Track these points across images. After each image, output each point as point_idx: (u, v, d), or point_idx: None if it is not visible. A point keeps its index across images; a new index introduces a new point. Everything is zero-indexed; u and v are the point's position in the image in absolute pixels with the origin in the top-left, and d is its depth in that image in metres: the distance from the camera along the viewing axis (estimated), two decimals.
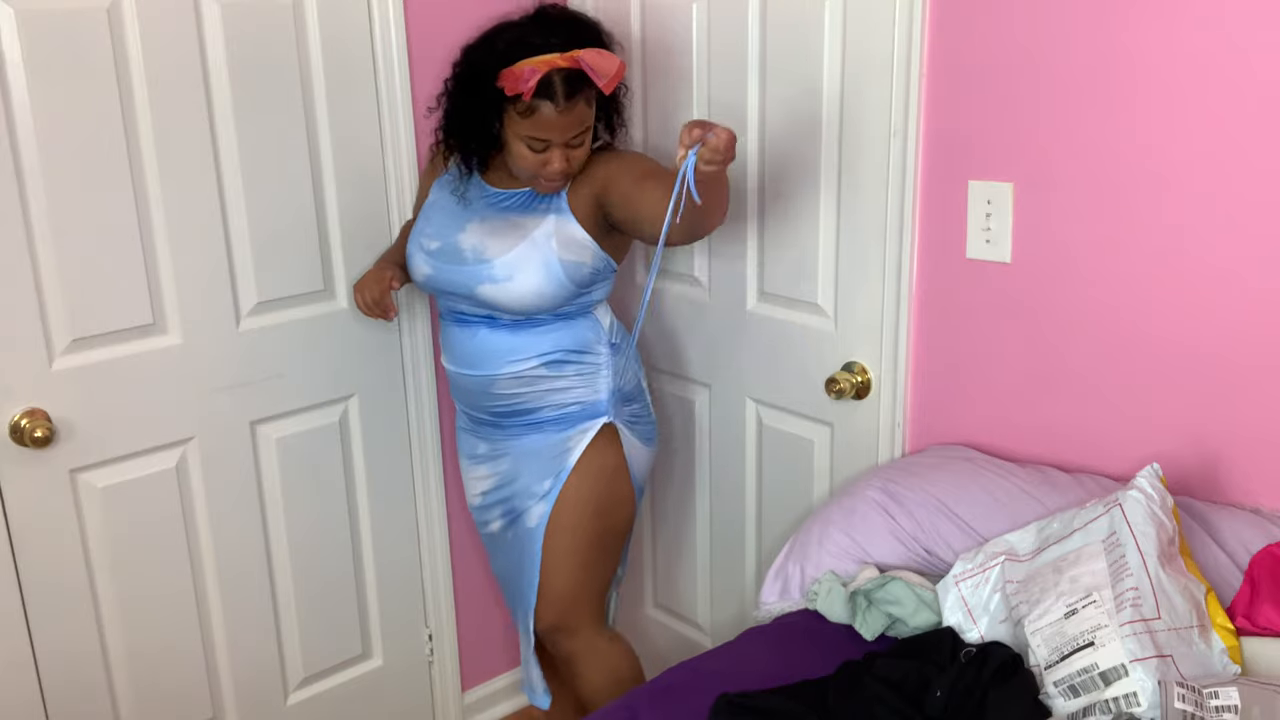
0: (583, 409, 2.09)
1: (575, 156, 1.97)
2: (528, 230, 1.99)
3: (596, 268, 2.04)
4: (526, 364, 2.05)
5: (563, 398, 2.08)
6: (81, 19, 1.83)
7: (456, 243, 2.03)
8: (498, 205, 2.05)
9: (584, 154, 1.98)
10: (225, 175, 2.04)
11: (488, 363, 2.07)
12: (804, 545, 1.90)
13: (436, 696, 2.60)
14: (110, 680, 2.09)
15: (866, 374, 2.12)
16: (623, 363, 2.13)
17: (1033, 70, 1.79)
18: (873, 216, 2.04)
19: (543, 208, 2.02)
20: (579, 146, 1.96)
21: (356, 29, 2.15)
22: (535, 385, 2.07)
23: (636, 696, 1.64)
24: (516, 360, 2.05)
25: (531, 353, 2.05)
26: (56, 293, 1.89)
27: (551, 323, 2.06)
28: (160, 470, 2.07)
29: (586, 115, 1.93)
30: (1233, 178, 1.62)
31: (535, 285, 1.98)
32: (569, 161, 1.95)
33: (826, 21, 2.04)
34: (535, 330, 2.05)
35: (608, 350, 2.10)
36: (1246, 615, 1.53)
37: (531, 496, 2.12)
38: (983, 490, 1.81)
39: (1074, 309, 1.83)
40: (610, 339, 2.12)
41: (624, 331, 2.18)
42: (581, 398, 2.09)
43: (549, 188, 2.00)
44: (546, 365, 2.06)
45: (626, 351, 2.13)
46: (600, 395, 2.09)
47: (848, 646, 1.69)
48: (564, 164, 1.94)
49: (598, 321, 2.11)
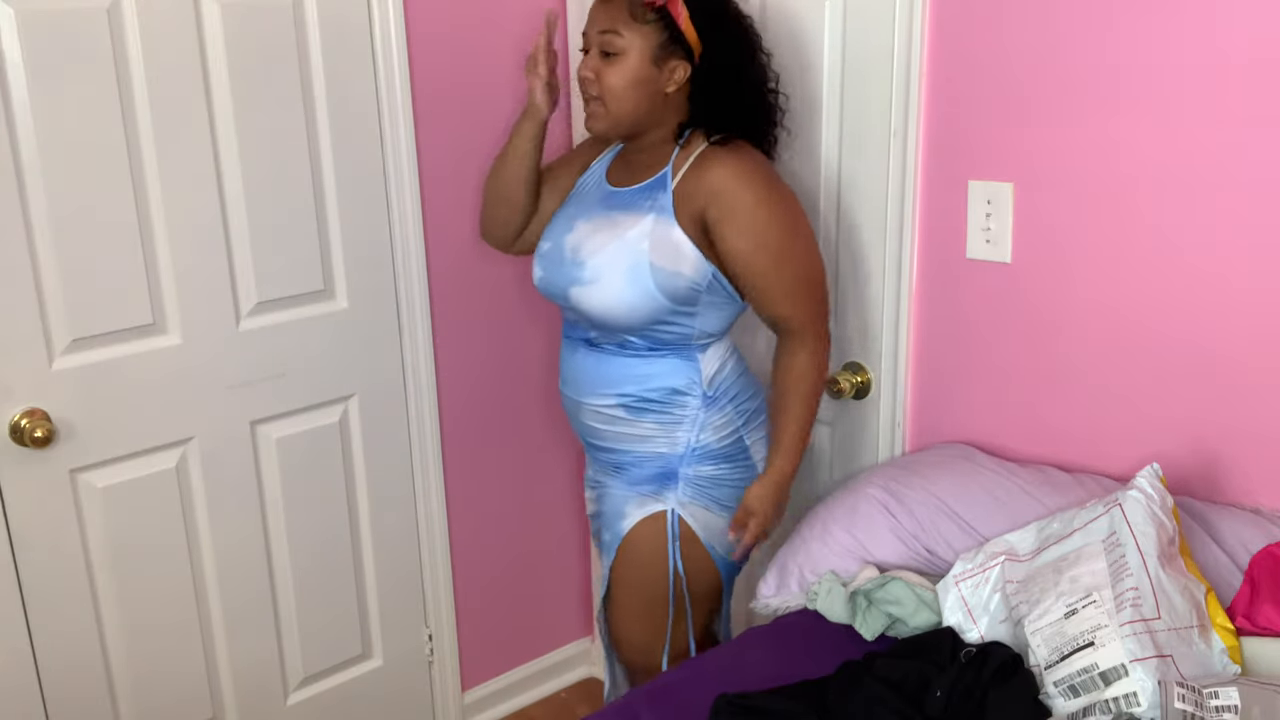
0: (657, 464, 1.92)
1: (605, 74, 1.78)
2: (624, 229, 1.82)
3: (698, 283, 1.81)
4: (605, 400, 1.91)
5: (640, 447, 1.92)
6: (81, 19, 1.83)
7: (562, 243, 1.91)
8: (608, 202, 1.89)
9: (615, 79, 1.78)
10: (225, 175, 2.04)
11: (578, 387, 1.95)
12: (805, 541, 1.90)
13: (436, 696, 2.60)
14: (110, 680, 2.09)
15: (866, 374, 2.12)
16: (717, 418, 1.90)
17: (1033, 70, 1.79)
18: (873, 216, 2.04)
19: (646, 204, 1.83)
20: (611, 61, 1.78)
21: (356, 29, 2.15)
22: (614, 425, 1.92)
23: (636, 696, 1.64)
24: (599, 393, 1.91)
25: (614, 389, 1.89)
26: (56, 293, 1.89)
27: (645, 355, 1.87)
28: (160, 470, 2.07)
29: (624, 19, 1.76)
30: (1232, 178, 1.62)
31: (620, 292, 1.80)
32: (597, 76, 1.79)
33: (826, 21, 2.04)
34: (626, 361, 1.88)
35: (699, 401, 1.89)
36: (1246, 615, 1.53)
37: (603, 544, 2.02)
38: (983, 490, 1.81)
39: (1074, 309, 1.83)
40: (708, 389, 1.89)
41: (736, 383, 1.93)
42: (659, 451, 1.91)
43: (590, 121, 1.84)
44: (625, 408, 1.89)
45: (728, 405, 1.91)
46: (677, 449, 1.90)
47: (848, 646, 1.69)
48: (589, 72, 1.80)
49: (697, 364, 1.88)
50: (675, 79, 1.81)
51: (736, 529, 1.89)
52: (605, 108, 1.81)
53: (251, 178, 2.06)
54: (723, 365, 1.91)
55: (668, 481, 1.92)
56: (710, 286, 1.83)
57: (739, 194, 1.77)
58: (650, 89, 1.80)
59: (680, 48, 1.79)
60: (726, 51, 1.82)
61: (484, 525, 2.59)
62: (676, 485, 1.91)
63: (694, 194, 1.79)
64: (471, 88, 2.32)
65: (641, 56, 1.78)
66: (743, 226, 1.78)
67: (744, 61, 1.85)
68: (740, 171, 1.79)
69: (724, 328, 1.91)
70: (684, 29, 1.78)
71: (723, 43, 1.81)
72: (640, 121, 1.83)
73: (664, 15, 1.77)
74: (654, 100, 1.81)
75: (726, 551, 1.95)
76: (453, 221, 2.32)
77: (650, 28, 1.77)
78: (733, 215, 1.77)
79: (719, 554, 1.95)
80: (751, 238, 1.78)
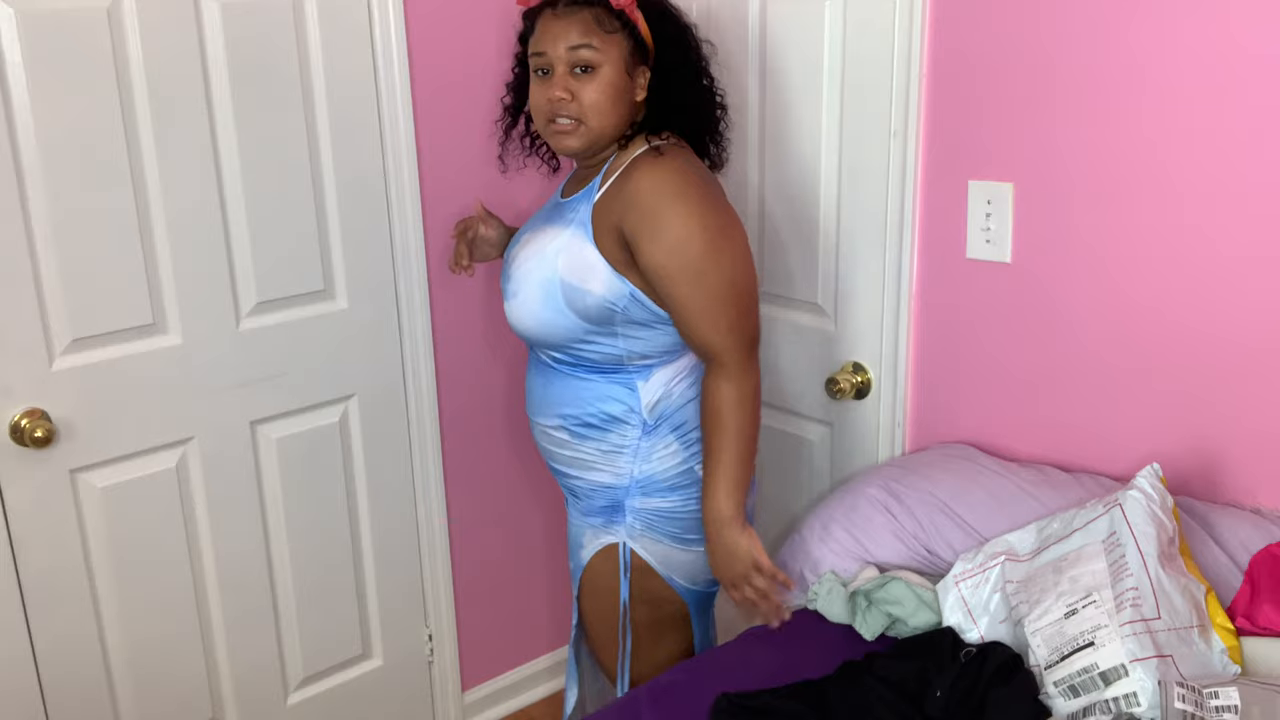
0: (605, 496, 1.85)
1: (583, 92, 1.68)
2: (546, 242, 1.76)
3: (612, 302, 1.71)
4: (551, 420, 1.85)
5: (588, 474, 1.85)
6: (81, 19, 1.83)
7: (508, 257, 1.88)
8: (549, 214, 1.83)
9: (597, 94, 1.69)
10: (225, 175, 2.04)
11: (531, 405, 1.90)
12: (805, 541, 1.90)
13: (436, 696, 2.60)
14: (110, 680, 2.09)
15: (866, 374, 2.12)
16: (660, 448, 1.80)
17: (1033, 70, 1.79)
18: (873, 216, 2.04)
19: (570, 216, 1.76)
20: (588, 78, 1.69)
21: (356, 29, 2.15)
22: (562, 448, 1.86)
23: (637, 696, 1.64)
24: (546, 412, 1.85)
25: (556, 409, 1.82)
26: (56, 293, 1.89)
27: (583, 376, 1.79)
28: (160, 470, 2.07)
29: (594, 30, 1.68)
30: (1233, 178, 1.62)
31: (533, 308, 1.74)
32: (573, 95, 1.68)
33: (826, 21, 2.04)
34: (567, 381, 1.81)
35: (639, 429, 1.79)
36: (1246, 615, 1.53)
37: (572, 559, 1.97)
38: (983, 490, 1.81)
39: (1074, 309, 1.83)
40: (648, 418, 1.78)
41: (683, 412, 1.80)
42: (605, 481, 1.83)
43: (562, 140, 1.72)
44: (568, 430, 1.82)
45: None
46: (621, 480, 1.82)
47: (848, 646, 1.69)
48: (564, 93, 1.68)
49: (635, 390, 1.77)
50: (641, 85, 1.76)
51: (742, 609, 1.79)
52: (586, 125, 1.70)
53: (251, 178, 2.06)
54: (668, 392, 1.79)
55: (616, 514, 1.85)
56: (628, 307, 1.71)
57: (658, 203, 1.65)
58: (627, 99, 1.74)
59: (641, 53, 1.75)
60: (678, 54, 1.78)
61: (484, 525, 2.59)
62: (624, 518, 1.84)
63: (614, 205, 1.70)
64: (472, 88, 2.32)
65: (616, 66, 1.70)
66: (659, 239, 1.65)
67: (693, 63, 1.80)
68: (663, 179, 1.67)
69: (662, 351, 1.77)
70: (644, 34, 1.73)
71: (673, 46, 1.77)
72: (615, 135, 1.76)
73: (626, 23, 1.71)
74: (630, 110, 1.75)
75: (691, 581, 1.89)
76: (452, 221, 2.32)
77: (618, 36, 1.71)
78: (649, 226, 1.65)
79: (683, 584, 1.89)
80: (666, 251, 1.65)
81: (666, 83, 1.77)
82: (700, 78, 1.83)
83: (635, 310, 1.72)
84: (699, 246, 1.66)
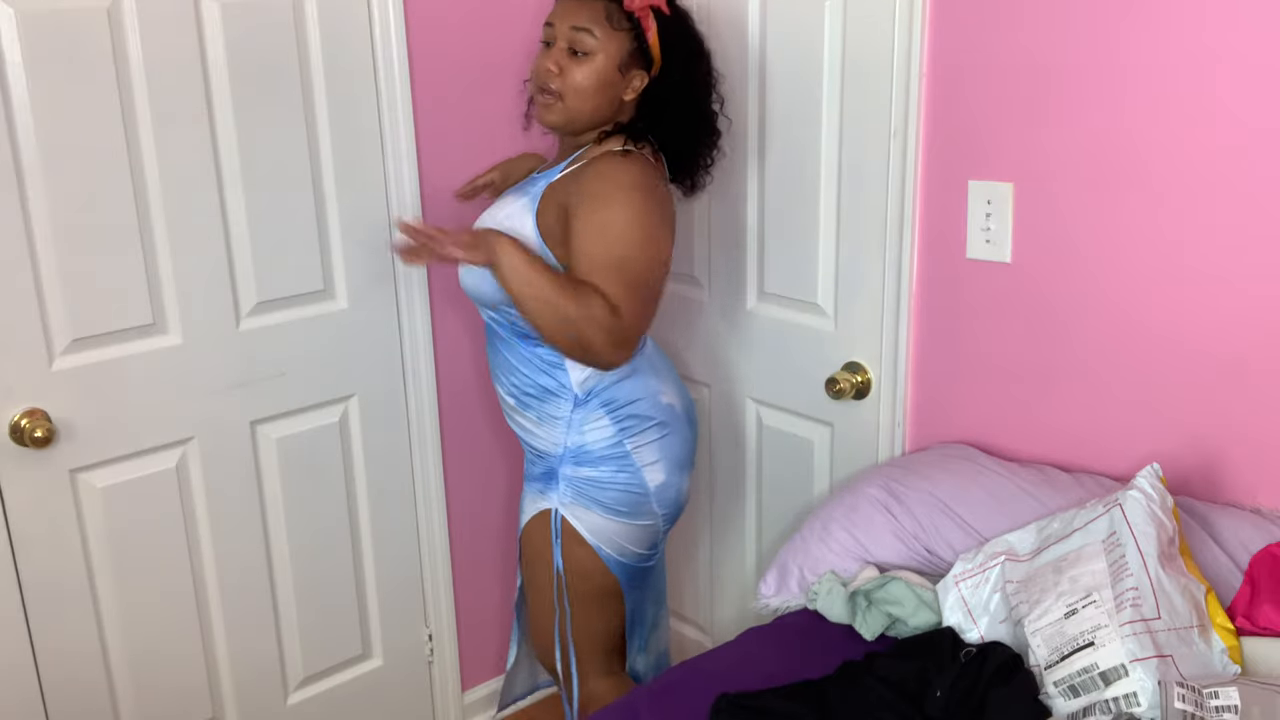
0: (542, 463, 1.97)
1: (572, 72, 1.80)
2: (500, 209, 1.88)
3: None
4: (501, 386, 1.97)
5: (532, 441, 1.98)
6: (81, 19, 1.83)
7: None
8: (523, 186, 1.92)
9: (583, 78, 1.80)
10: (225, 175, 2.04)
11: (491, 372, 2.01)
12: (805, 541, 1.90)
13: (436, 696, 2.60)
14: (110, 680, 2.09)
15: (866, 374, 2.12)
16: (592, 420, 1.89)
17: (1032, 70, 1.79)
18: (873, 216, 2.04)
19: (529, 189, 1.87)
20: (581, 60, 1.80)
21: (356, 29, 2.15)
22: (512, 415, 1.98)
23: (637, 696, 1.64)
24: (497, 378, 1.98)
25: (502, 375, 1.95)
26: (56, 293, 1.89)
27: (521, 346, 1.90)
28: (160, 470, 2.07)
29: (601, 20, 1.78)
30: (1233, 178, 1.62)
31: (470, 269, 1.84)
32: (561, 71, 1.80)
33: (826, 21, 2.04)
34: (511, 349, 1.91)
35: (570, 403, 1.89)
36: (1246, 615, 1.53)
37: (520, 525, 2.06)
38: (983, 490, 1.81)
39: (1074, 309, 1.83)
40: (579, 392, 1.88)
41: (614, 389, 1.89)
42: (542, 449, 1.96)
43: (542, 111, 1.84)
44: (514, 398, 1.95)
45: None
46: (555, 449, 1.93)
47: (848, 646, 1.69)
48: (554, 67, 1.80)
49: (563, 365, 1.87)
50: (633, 87, 1.86)
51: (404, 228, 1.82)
52: (564, 103, 1.81)
53: (251, 178, 2.06)
54: (599, 374, 1.88)
55: (550, 480, 1.95)
56: None
57: (603, 188, 1.75)
58: (611, 93, 1.84)
59: (643, 59, 1.84)
60: (683, 72, 1.87)
61: (484, 525, 2.59)
62: (558, 485, 1.93)
63: (568, 185, 1.81)
64: (472, 87, 2.33)
65: (609, 61, 1.81)
66: (590, 214, 1.75)
67: (696, 85, 1.89)
68: (617, 170, 1.78)
69: None
70: (650, 42, 1.83)
71: (681, 64, 1.87)
72: (592, 121, 1.86)
73: (635, 25, 1.81)
74: (611, 104, 1.85)
75: (620, 553, 1.94)
76: (452, 221, 2.32)
77: (623, 35, 1.81)
78: (584, 205, 1.75)
79: (612, 555, 1.94)
80: (593, 223, 1.74)
81: (661, 97, 1.86)
82: (697, 104, 1.90)
83: None
84: (625, 226, 1.75)
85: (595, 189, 1.76)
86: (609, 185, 1.76)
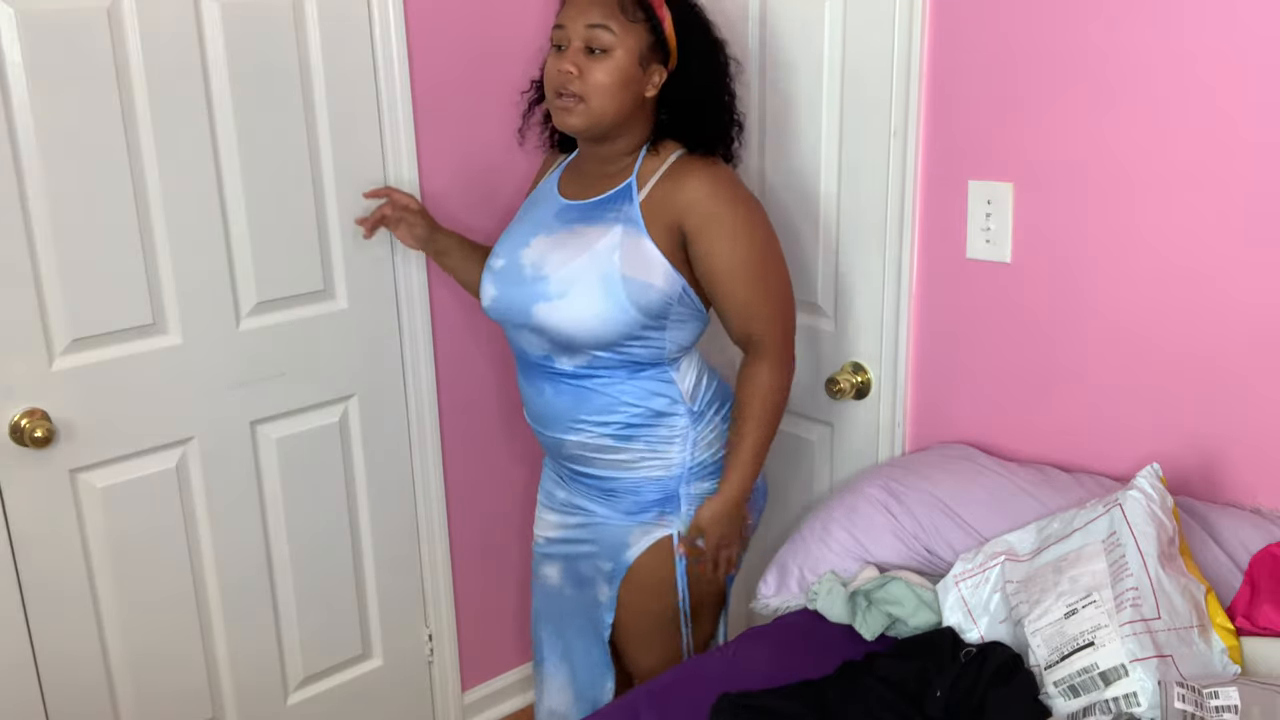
0: (655, 489, 1.87)
1: (592, 72, 1.72)
2: (591, 241, 1.77)
3: (670, 294, 1.77)
4: (589, 433, 1.85)
5: (633, 473, 1.87)
6: (81, 19, 1.83)
7: (519, 259, 1.85)
8: (565, 216, 1.84)
9: (604, 76, 1.73)
10: (225, 175, 2.04)
11: (554, 424, 1.89)
12: (805, 541, 1.90)
13: (436, 696, 2.60)
14: (110, 680, 2.09)
15: (866, 374, 2.12)
16: (708, 433, 1.88)
17: (1033, 70, 1.79)
18: (873, 216, 2.04)
19: (611, 216, 1.79)
20: (599, 59, 1.73)
21: (356, 29, 2.15)
22: (602, 454, 1.87)
23: (637, 696, 1.64)
24: (580, 426, 1.86)
25: (595, 419, 1.84)
26: (56, 293, 1.89)
27: (616, 377, 1.82)
28: (160, 470, 2.07)
29: (616, 14, 1.72)
30: (1235, 177, 1.62)
31: (591, 304, 1.74)
32: (580, 72, 1.72)
33: (826, 21, 2.04)
34: (598, 388, 1.82)
35: (686, 418, 1.85)
36: (1246, 615, 1.53)
37: (599, 571, 1.95)
38: (983, 490, 1.81)
39: (1074, 309, 1.83)
40: (692, 405, 1.86)
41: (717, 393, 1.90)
42: (655, 475, 1.87)
43: (563, 115, 1.76)
44: (612, 437, 1.84)
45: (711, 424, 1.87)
46: (673, 471, 1.87)
47: (848, 646, 1.69)
48: (573, 68, 1.72)
49: (673, 382, 1.84)
50: (654, 83, 1.79)
51: (688, 544, 1.87)
52: (587, 104, 1.74)
53: (251, 178, 2.06)
54: (699, 378, 1.88)
55: (669, 504, 1.88)
56: (680, 299, 1.79)
57: (719, 206, 1.75)
58: (634, 90, 1.76)
59: (661, 53, 1.77)
60: (701, 62, 1.81)
61: (484, 525, 2.59)
62: (680, 506, 1.88)
63: (668, 205, 1.76)
64: (472, 87, 2.32)
65: (630, 55, 1.73)
66: (723, 239, 1.75)
67: (716, 74, 1.84)
68: (718, 184, 1.77)
69: (692, 342, 1.87)
70: (667, 32, 1.76)
71: (698, 54, 1.80)
72: (617, 123, 1.77)
73: (651, 17, 1.75)
74: (635, 102, 1.77)
75: None
76: (452, 221, 2.32)
77: (640, 27, 1.74)
78: (713, 227, 1.75)
79: None
80: (731, 251, 1.76)
81: (684, 90, 1.80)
82: (719, 90, 1.85)
83: (684, 303, 1.80)
84: (758, 248, 1.79)
85: (711, 209, 1.75)
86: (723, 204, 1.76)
